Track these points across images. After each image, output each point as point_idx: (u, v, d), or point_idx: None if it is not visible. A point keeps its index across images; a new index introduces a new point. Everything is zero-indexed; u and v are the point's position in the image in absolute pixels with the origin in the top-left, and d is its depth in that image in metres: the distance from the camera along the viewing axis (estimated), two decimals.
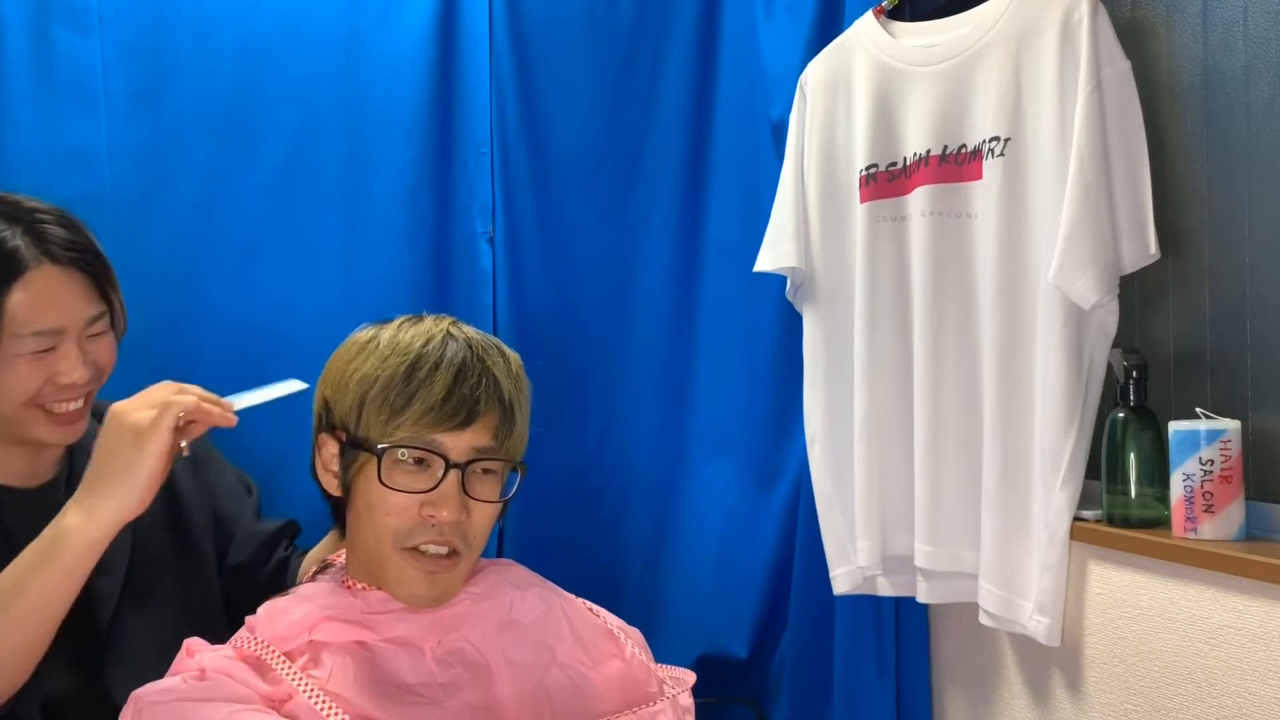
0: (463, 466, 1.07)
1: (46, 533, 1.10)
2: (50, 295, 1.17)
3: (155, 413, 1.11)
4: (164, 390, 1.14)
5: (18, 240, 1.16)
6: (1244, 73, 1.24)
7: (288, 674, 1.01)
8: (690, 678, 1.21)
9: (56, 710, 1.18)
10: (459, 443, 1.07)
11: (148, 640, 1.10)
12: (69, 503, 1.11)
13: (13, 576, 1.09)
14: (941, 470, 1.50)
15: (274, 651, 1.03)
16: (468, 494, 1.08)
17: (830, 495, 1.68)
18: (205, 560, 1.36)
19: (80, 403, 1.22)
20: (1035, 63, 1.37)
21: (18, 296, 1.15)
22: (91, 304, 1.21)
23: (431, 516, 1.07)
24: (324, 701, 0.99)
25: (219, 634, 1.17)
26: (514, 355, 1.15)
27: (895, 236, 1.56)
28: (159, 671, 1.03)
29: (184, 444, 1.14)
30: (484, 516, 1.10)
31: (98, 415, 1.34)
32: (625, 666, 1.15)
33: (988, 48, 1.42)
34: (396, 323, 1.13)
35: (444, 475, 1.06)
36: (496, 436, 1.09)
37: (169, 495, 1.33)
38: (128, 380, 1.44)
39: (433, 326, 1.11)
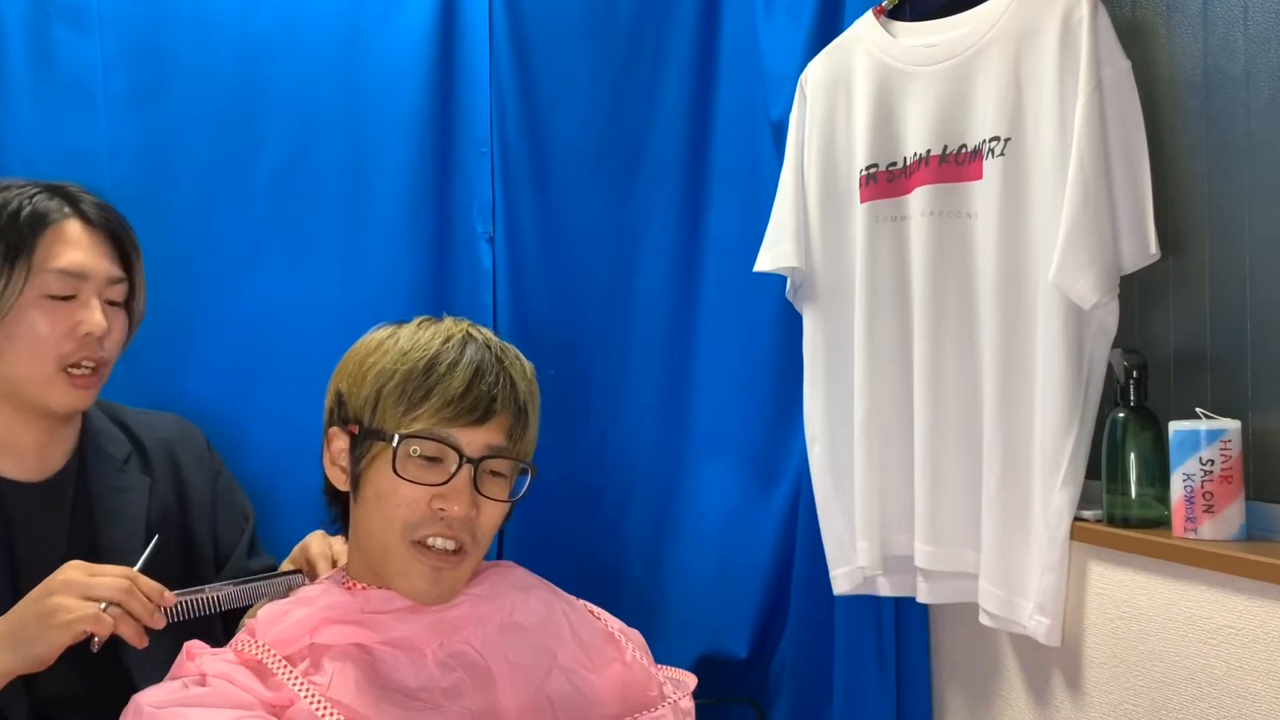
0: (476, 462, 1.08)
1: None
2: (78, 242, 1.24)
3: (75, 614, 1.06)
4: (104, 587, 1.08)
5: (53, 201, 1.25)
6: (1244, 73, 1.24)
7: (289, 680, 1.01)
8: (691, 681, 1.21)
9: (50, 713, 1.19)
10: (474, 439, 1.08)
11: (159, 632, 1.11)
12: None
13: None
14: (941, 470, 1.50)
15: (275, 656, 1.03)
16: (479, 491, 1.08)
17: (830, 495, 1.68)
18: (205, 561, 1.37)
19: (93, 365, 1.25)
20: (1035, 63, 1.37)
21: (48, 238, 1.23)
22: (114, 264, 1.27)
23: (442, 510, 1.07)
24: (325, 708, 0.99)
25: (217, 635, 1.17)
26: (529, 363, 1.16)
27: (895, 236, 1.56)
28: (172, 660, 1.04)
29: (96, 640, 1.09)
30: (493, 515, 1.11)
31: (111, 418, 1.37)
32: (626, 670, 1.15)
33: (988, 47, 1.42)
34: (416, 322, 1.14)
35: (457, 470, 1.07)
36: (510, 436, 1.10)
37: (180, 493, 1.36)
38: (129, 379, 1.45)
39: (452, 326, 1.13)
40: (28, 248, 1.20)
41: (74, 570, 1.10)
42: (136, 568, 1.13)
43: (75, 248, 1.23)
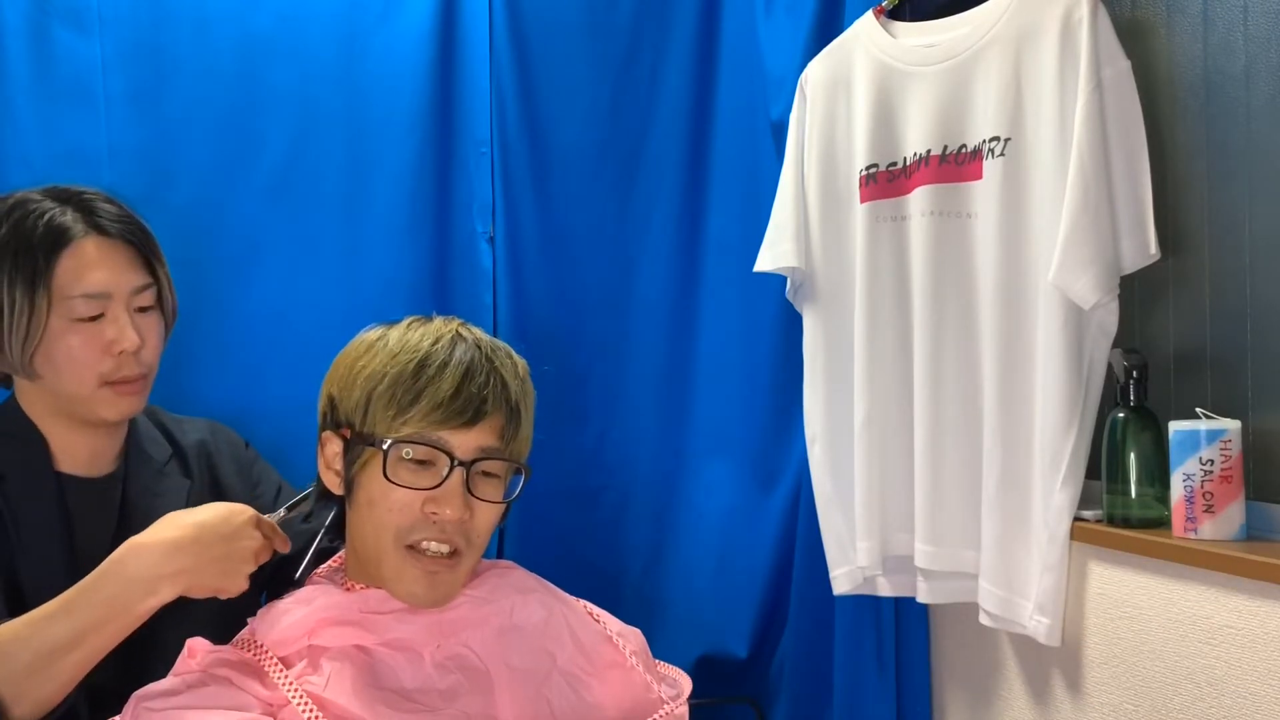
0: (468, 465, 1.07)
1: (111, 584, 1.11)
2: (97, 261, 1.23)
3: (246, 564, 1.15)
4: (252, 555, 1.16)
5: (68, 216, 1.23)
6: (1244, 73, 1.24)
7: (282, 681, 1.01)
8: (687, 685, 1.21)
9: (100, 700, 1.20)
10: (465, 441, 1.07)
11: (187, 638, 1.12)
12: (146, 559, 1.11)
13: (72, 628, 1.10)
14: (942, 470, 1.50)
15: (271, 657, 1.03)
16: (471, 493, 1.08)
17: (830, 495, 1.68)
18: None
19: (137, 372, 1.26)
20: (1035, 62, 1.37)
21: (66, 263, 1.21)
22: (137, 273, 1.27)
23: (434, 514, 1.06)
24: (312, 711, 0.99)
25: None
26: (521, 360, 1.15)
27: (895, 236, 1.56)
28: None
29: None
30: (487, 517, 1.10)
31: (154, 422, 1.38)
32: (625, 674, 1.15)
33: (988, 47, 1.42)
34: (405, 323, 1.13)
35: (449, 473, 1.06)
36: (502, 437, 1.09)
37: (217, 494, 1.36)
38: None
39: (442, 327, 1.12)
40: (46, 274, 1.20)
41: (233, 556, 1.13)
42: (277, 518, 1.20)
43: (95, 267, 1.22)
